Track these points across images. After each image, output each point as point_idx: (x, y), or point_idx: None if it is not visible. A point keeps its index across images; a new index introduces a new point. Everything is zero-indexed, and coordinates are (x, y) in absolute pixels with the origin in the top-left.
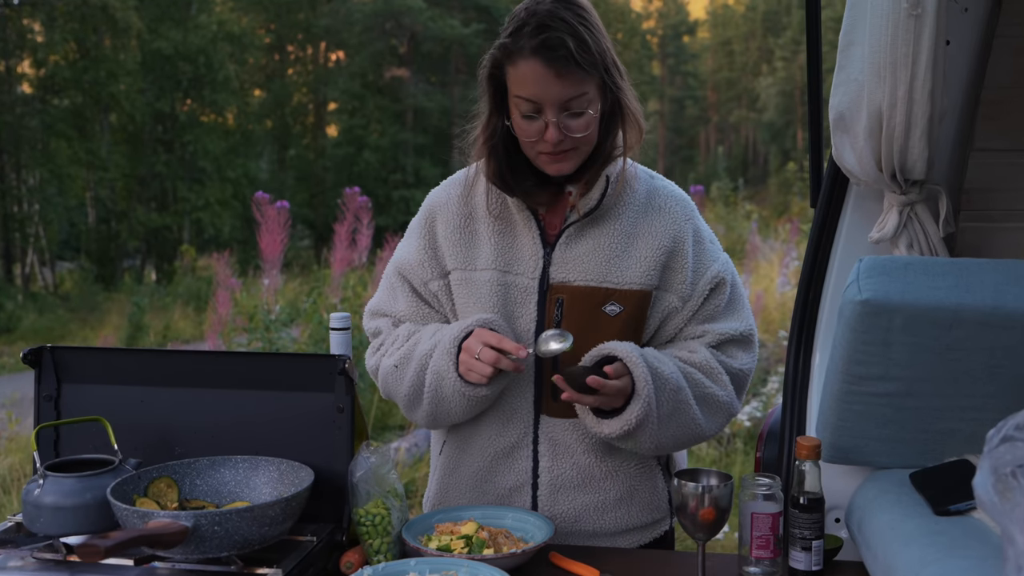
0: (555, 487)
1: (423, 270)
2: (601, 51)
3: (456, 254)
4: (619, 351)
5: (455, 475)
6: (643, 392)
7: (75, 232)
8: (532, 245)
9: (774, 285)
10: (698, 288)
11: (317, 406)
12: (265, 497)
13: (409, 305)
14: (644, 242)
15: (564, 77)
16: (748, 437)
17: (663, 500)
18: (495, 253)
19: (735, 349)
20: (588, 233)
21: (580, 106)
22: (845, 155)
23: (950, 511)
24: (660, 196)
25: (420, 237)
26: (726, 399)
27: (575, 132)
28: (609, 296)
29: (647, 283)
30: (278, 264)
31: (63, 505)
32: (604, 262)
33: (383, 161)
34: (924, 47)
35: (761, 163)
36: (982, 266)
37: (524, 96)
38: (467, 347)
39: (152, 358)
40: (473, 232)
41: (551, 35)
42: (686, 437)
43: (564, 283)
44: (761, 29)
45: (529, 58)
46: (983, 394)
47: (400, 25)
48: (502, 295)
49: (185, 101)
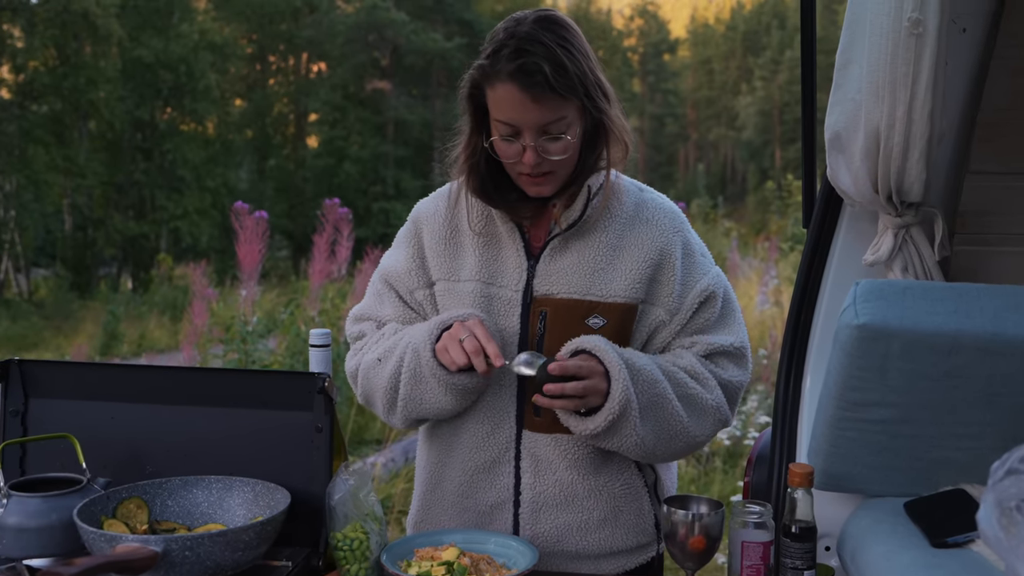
0: (537, 505)
1: (410, 279)
2: (581, 73)
3: (441, 265)
4: (587, 344)
5: (437, 491)
6: (619, 377)
7: (51, 239)
8: (516, 257)
9: (753, 303)
10: (687, 301)
11: (295, 425)
12: (239, 519)
13: (395, 311)
14: (630, 255)
15: (541, 102)
16: (727, 456)
17: (649, 524)
18: (479, 265)
19: (726, 361)
20: (573, 246)
21: (558, 130)
22: (840, 175)
23: (948, 543)
24: (648, 209)
25: (408, 246)
26: (713, 402)
27: (553, 155)
28: (592, 309)
29: (632, 296)
30: (256, 275)
31: (27, 526)
32: (588, 275)
33: (363, 173)
34: (925, 67)
35: (740, 181)
36: (981, 292)
37: (502, 119)
38: (453, 332)
39: (124, 373)
40: (458, 244)
41: (528, 60)
42: (672, 436)
43: (547, 296)
44: (741, 49)
45: (506, 82)
46: (980, 422)
47: (383, 38)
48: (485, 307)
49: (165, 109)
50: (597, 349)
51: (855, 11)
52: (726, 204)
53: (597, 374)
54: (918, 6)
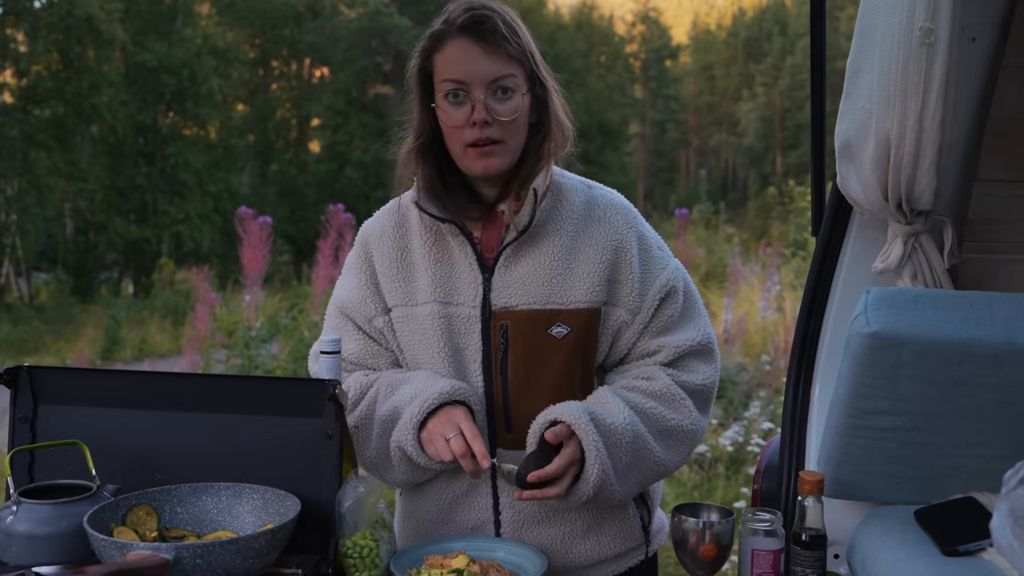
0: (518, 523)
1: (366, 307)
2: (528, 45)
3: (395, 290)
4: (563, 415)
5: (413, 519)
6: (594, 461)
7: (52, 243)
8: (470, 271)
9: (755, 309)
10: (647, 299)
11: (304, 432)
12: (248, 527)
13: (357, 344)
14: (586, 256)
15: (491, 54)
16: (730, 462)
17: (636, 527)
18: (433, 284)
19: (695, 362)
20: (526, 253)
21: (508, 85)
22: (850, 183)
23: (959, 551)
24: (599, 206)
25: (359, 272)
26: (690, 426)
27: (502, 116)
28: (554, 318)
29: (593, 300)
30: (260, 280)
31: (37, 534)
32: (545, 282)
33: (365, 178)
34: (936, 75)
35: (741, 187)
36: (993, 300)
37: (451, 77)
38: (439, 426)
39: (133, 380)
40: (410, 265)
41: (479, 13)
42: (653, 475)
43: (507, 308)
44: (742, 55)
45: (457, 37)
46: (991, 430)
47: (385, 43)
48: (445, 328)
49: (168, 114)
50: (574, 425)
51: (866, 20)
52: (727, 210)
53: (573, 463)
54: (930, 15)
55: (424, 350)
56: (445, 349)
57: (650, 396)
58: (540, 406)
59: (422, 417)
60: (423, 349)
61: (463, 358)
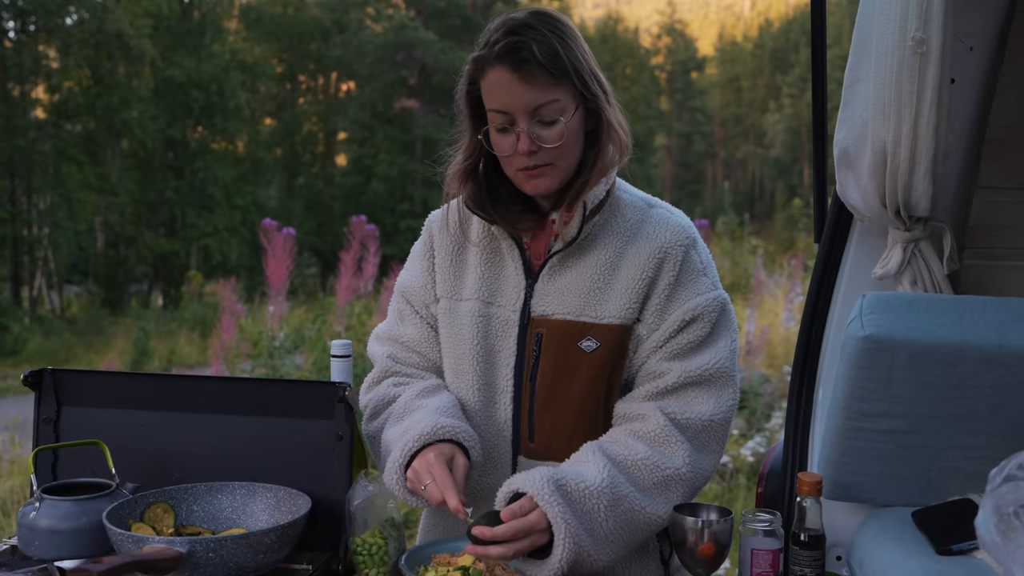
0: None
1: (425, 292)
2: (574, 59)
3: (445, 282)
4: (526, 486)
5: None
6: (563, 534)
7: (83, 256)
8: (515, 275)
9: (779, 320)
10: (668, 319)
11: (316, 433)
12: (262, 524)
13: (416, 329)
14: (627, 272)
15: (530, 82)
16: (751, 472)
17: (655, 562)
18: (480, 282)
19: (696, 392)
20: (571, 264)
21: (551, 113)
22: (849, 191)
23: (952, 551)
24: (650, 223)
25: (423, 259)
26: (687, 472)
27: (547, 142)
28: (586, 331)
29: (627, 317)
30: (284, 291)
31: (59, 529)
32: (583, 294)
33: (391, 191)
34: (929, 84)
35: (767, 199)
36: (986, 304)
37: (495, 108)
38: (416, 475)
39: (152, 382)
40: (463, 260)
41: (516, 40)
42: (641, 536)
43: (544, 316)
44: (769, 66)
45: (496, 66)
46: (986, 432)
47: (411, 57)
48: (483, 327)
49: (196, 128)
50: (537, 497)
51: (862, 31)
52: (753, 222)
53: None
54: (922, 26)
55: (458, 346)
56: (479, 348)
57: (641, 440)
58: (562, 419)
59: (405, 461)
60: (458, 345)
61: (495, 360)
